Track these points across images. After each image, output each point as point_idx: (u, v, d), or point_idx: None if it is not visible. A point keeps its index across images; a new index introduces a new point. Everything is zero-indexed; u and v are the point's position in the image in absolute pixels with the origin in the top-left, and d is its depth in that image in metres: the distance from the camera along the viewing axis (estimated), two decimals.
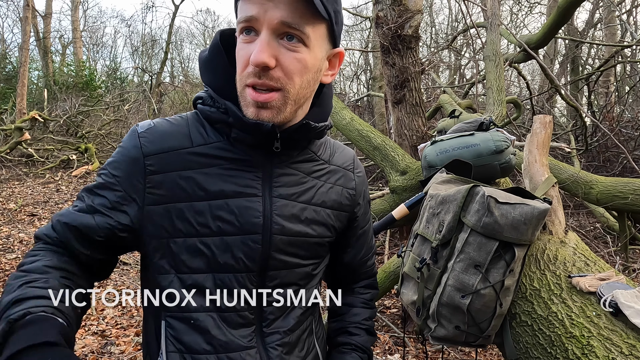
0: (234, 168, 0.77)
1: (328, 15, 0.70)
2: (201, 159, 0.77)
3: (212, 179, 0.76)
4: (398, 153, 2.88)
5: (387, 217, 1.59)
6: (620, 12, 8.51)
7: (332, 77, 0.81)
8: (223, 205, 0.76)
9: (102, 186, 0.77)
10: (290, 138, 0.78)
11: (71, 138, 11.08)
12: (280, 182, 0.81)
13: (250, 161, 0.78)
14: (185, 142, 0.77)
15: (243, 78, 0.71)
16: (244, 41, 0.71)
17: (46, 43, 16.48)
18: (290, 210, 0.81)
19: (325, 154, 0.90)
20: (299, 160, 0.84)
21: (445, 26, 15.66)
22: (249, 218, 0.77)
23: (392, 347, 2.86)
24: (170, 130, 0.78)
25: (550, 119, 1.65)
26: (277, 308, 0.83)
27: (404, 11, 3.34)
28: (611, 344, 0.91)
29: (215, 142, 0.78)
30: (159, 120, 0.80)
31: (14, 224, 5.80)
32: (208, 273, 0.76)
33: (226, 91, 0.76)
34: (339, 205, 0.89)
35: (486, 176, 1.70)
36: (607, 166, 6.25)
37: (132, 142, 0.76)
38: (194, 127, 0.79)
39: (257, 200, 0.78)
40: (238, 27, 0.71)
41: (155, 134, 0.77)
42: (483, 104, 3.93)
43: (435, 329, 1.14)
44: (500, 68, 3.22)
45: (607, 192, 2.74)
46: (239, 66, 0.72)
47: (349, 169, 0.93)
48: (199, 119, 0.80)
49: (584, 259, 1.16)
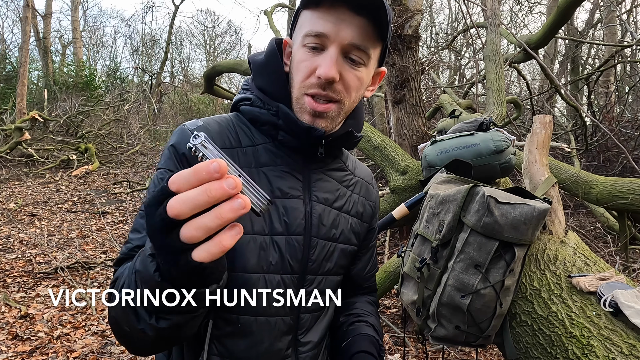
0: (280, 169, 0.80)
1: (386, 38, 0.76)
2: (250, 159, 0.78)
3: (261, 178, 0.78)
4: (398, 153, 2.88)
5: (387, 217, 1.59)
6: (620, 12, 8.51)
7: (371, 92, 0.86)
8: (273, 206, 0.77)
9: None
10: (332, 145, 0.82)
11: (71, 138, 11.08)
12: (317, 187, 0.84)
13: (293, 164, 0.81)
14: (234, 142, 0.79)
15: (304, 87, 0.75)
16: (308, 52, 0.74)
17: (46, 43, 16.48)
18: (326, 214, 0.84)
19: (352, 165, 0.95)
20: (332, 168, 0.88)
21: (445, 26, 15.67)
22: (295, 219, 0.79)
23: (392, 347, 2.86)
24: (220, 129, 0.79)
25: (550, 119, 1.65)
26: (312, 316, 0.85)
27: (404, 11, 3.34)
28: (611, 343, 0.91)
29: (262, 143, 0.80)
30: (206, 119, 0.81)
31: (14, 224, 5.79)
32: (260, 273, 0.76)
33: (279, 95, 0.79)
34: (362, 215, 0.93)
35: (486, 176, 1.70)
36: (607, 166, 6.25)
37: (185, 138, 0.75)
38: (240, 129, 0.81)
39: (300, 203, 0.80)
40: (302, 38, 0.74)
41: (208, 130, 0.77)
42: (483, 104, 3.92)
43: (436, 329, 1.14)
44: (500, 68, 3.22)
45: (607, 192, 2.74)
46: (301, 74, 0.75)
47: (370, 183, 0.98)
48: (243, 120, 0.82)
49: (584, 259, 1.16)
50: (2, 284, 3.92)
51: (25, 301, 3.58)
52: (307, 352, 0.84)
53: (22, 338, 3.00)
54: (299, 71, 0.75)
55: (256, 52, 0.86)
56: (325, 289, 0.85)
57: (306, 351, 0.83)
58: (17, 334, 3.03)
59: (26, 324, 3.21)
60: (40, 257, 4.61)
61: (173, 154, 0.74)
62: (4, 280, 4.00)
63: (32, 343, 2.94)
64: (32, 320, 3.26)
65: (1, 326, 3.15)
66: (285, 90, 0.79)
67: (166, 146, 0.77)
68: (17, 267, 4.32)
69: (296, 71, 0.76)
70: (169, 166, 0.74)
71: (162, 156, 0.77)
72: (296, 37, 0.77)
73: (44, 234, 5.42)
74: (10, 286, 3.89)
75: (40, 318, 3.30)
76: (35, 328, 3.14)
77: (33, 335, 3.05)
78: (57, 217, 6.30)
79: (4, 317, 3.28)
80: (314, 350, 0.85)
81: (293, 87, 0.77)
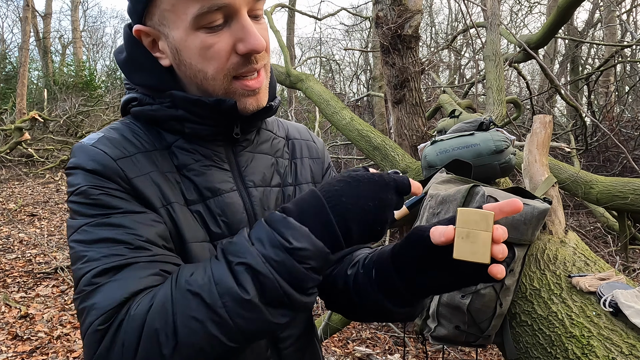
0: (201, 166, 0.69)
1: None
2: (166, 162, 0.68)
3: (184, 182, 0.68)
4: (398, 153, 2.88)
5: None
6: (620, 12, 8.50)
7: None
8: (205, 208, 0.68)
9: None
10: (248, 121, 0.72)
11: (71, 138, 11.08)
12: (249, 171, 0.74)
13: (214, 155, 0.71)
14: (148, 146, 0.68)
15: (228, 72, 0.64)
16: (210, 33, 0.62)
17: (46, 43, 16.49)
18: (267, 196, 0.75)
19: (281, 131, 0.85)
20: (260, 142, 0.78)
21: (445, 26, 15.67)
22: (234, 215, 0.70)
23: (392, 347, 2.86)
24: (121, 138, 0.67)
25: (550, 119, 1.65)
26: None
27: (404, 11, 3.34)
28: (611, 343, 0.91)
29: (172, 143, 0.69)
30: (104, 129, 0.70)
31: (14, 224, 5.79)
32: None
33: (166, 86, 0.68)
34: (311, 176, 0.84)
35: (486, 176, 1.70)
36: (607, 166, 6.26)
37: (89, 154, 0.63)
38: (140, 133, 0.69)
39: (235, 195, 0.71)
40: (194, 20, 0.61)
41: (109, 140, 0.66)
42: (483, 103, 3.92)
43: (436, 329, 1.14)
44: (500, 68, 3.22)
45: (607, 192, 2.74)
46: (216, 61, 0.63)
47: (307, 139, 0.89)
48: (138, 124, 0.70)
49: (584, 259, 1.16)
50: (2, 284, 3.92)
51: (25, 301, 3.58)
52: (290, 347, 0.75)
53: (22, 338, 3.00)
54: (212, 59, 0.63)
55: (118, 48, 0.73)
56: None
57: (288, 346, 0.75)
58: (17, 334, 3.04)
59: (26, 324, 3.21)
60: (40, 257, 4.61)
61: (81, 175, 0.62)
62: (4, 280, 4.00)
63: (32, 343, 2.94)
64: (32, 320, 3.26)
65: (1, 326, 3.15)
66: (174, 82, 0.69)
67: (70, 165, 0.65)
68: (17, 267, 4.32)
69: (204, 60, 0.64)
70: (90, 182, 0.62)
71: (70, 181, 0.64)
72: (170, 22, 0.63)
73: (44, 234, 5.42)
74: (10, 286, 3.89)
75: (40, 318, 3.30)
76: (35, 328, 3.14)
77: (33, 335, 3.05)
78: (57, 217, 6.30)
79: (4, 317, 3.28)
80: (297, 343, 0.77)
81: (206, 81, 0.65)
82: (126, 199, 0.62)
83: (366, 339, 3.01)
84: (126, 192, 0.63)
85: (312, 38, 21.34)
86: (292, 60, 8.17)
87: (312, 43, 17.27)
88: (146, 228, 0.61)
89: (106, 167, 0.62)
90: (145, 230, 0.61)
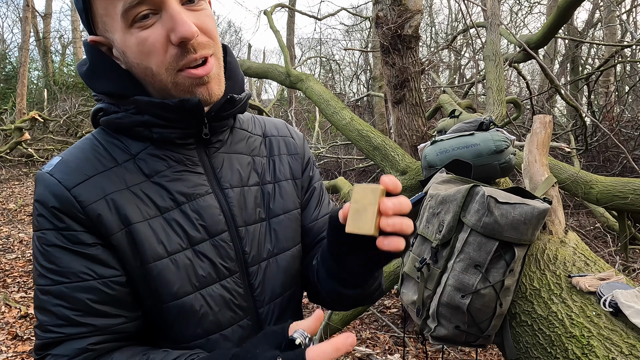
0: (173, 172, 0.69)
1: None
2: (135, 174, 0.67)
3: (157, 190, 0.67)
4: (398, 153, 2.88)
5: None
6: (620, 12, 8.50)
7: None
8: (180, 214, 0.68)
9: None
10: (217, 119, 0.71)
11: (71, 138, 11.09)
12: (224, 172, 0.73)
13: (186, 159, 0.70)
14: (108, 162, 0.67)
15: (171, 65, 0.63)
16: (142, 28, 0.61)
17: (46, 43, 16.49)
18: (244, 196, 0.74)
19: (257, 129, 0.84)
20: (234, 142, 0.77)
21: (445, 26, 15.66)
22: (212, 218, 0.70)
23: (392, 347, 2.86)
24: (84, 156, 0.66)
25: (550, 119, 1.65)
26: (274, 304, 0.76)
27: (404, 11, 3.34)
28: (611, 343, 0.91)
29: (142, 150, 0.68)
30: (65, 152, 0.69)
31: (14, 224, 5.80)
32: (193, 292, 0.67)
33: (129, 92, 0.67)
34: (290, 173, 0.83)
35: (486, 176, 1.70)
36: (607, 166, 6.26)
37: (48, 186, 0.63)
38: (110, 144, 0.68)
39: (212, 198, 0.71)
40: (123, 18, 0.61)
41: (68, 164, 0.65)
42: (483, 104, 3.93)
43: (435, 329, 1.14)
44: (500, 68, 3.22)
45: (607, 192, 2.74)
46: (156, 56, 0.62)
47: (285, 135, 0.87)
48: (111, 134, 0.69)
49: (584, 259, 1.16)
50: (2, 284, 3.92)
51: (25, 301, 3.58)
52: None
53: (22, 338, 3.01)
54: (150, 53, 0.62)
55: (81, 61, 0.72)
56: (280, 269, 0.77)
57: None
58: (17, 334, 3.04)
59: (26, 324, 3.21)
60: None
61: (42, 212, 0.63)
62: (4, 280, 4.00)
63: (32, 343, 2.94)
64: (32, 320, 3.26)
65: (1, 326, 3.15)
66: (139, 87, 0.67)
67: (34, 197, 0.65)
68: (17, 267, 4.32)
69: (145, 56, 0.63)
70: (45, 227, 0.63)
71: (33, 215, 0.65)
72: (109, 26, 0.63)
73: None
74: (10, 286, 3.89)
75: None
76: None
77: (33, 335, 3.05)
78: None
79: (4, 317, 3.28)
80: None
81: (154, 77, 0.64)
82: (78, 250, 0.63)
83: (366, 339, 3.01)
84: (81, 224, 0.63)
85: (312, 38, 21.29)
86: (292, 60, 8.17)
87: (312, 43, 17.27)
88: (88, 297, 0.63)
89: (61, 200, 0.62)
90: (86, 304, 0.63)
